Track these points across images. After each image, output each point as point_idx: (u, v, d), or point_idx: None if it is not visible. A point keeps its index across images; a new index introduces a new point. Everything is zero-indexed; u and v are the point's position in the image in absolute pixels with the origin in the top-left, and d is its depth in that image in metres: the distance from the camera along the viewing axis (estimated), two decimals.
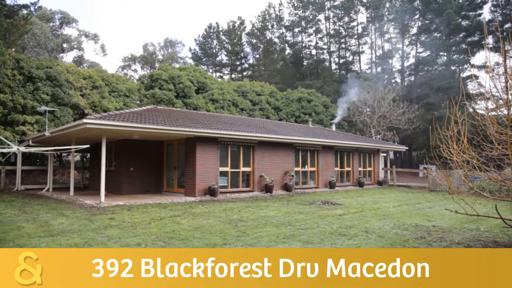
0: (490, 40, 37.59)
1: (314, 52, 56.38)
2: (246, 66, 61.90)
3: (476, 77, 33.80)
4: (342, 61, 54.83)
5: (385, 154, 24.78)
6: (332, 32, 54.14)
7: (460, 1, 42.38)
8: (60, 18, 41.48)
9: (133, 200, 12.24)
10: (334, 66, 55.08)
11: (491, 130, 5.50)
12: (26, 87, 17.73)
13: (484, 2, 42.03)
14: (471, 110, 7.20)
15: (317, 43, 56.03)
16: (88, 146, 8.63)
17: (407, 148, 27.82)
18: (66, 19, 41.51)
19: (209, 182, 13.60)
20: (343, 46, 53.98)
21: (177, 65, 48.91)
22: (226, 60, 61.92)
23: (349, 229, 7.48)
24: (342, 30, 53.39)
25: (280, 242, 6.24)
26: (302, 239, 6.45)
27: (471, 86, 36.98)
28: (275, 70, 53.24)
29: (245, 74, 60.94)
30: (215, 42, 61.84)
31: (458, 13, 41.32)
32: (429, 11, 44.23)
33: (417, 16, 47.44)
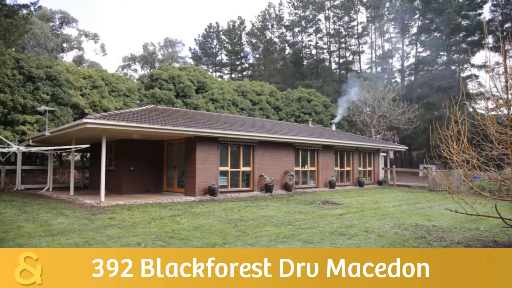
0: (490, 39, 37.59)
1: (314, 51, 56.39)
2: (246, 65, 61.91)
3: (476, 76, 33.85)
4: (342, 60, 54.82)
5: (385, 154, 24.77)
6: (332, 31, 54.14)
7: (460, 0, 42.35)
8: (60, 18, 41.51)
9: (133, 199, 12.24)
10: (334, 66, 55.09)
11: (491, 129, 5.50)
12: (26, 87, 17.72)
13: (484, 2, 41.97)
14: (471, 109, 7.20)
15: (317, 43, 56.04)
16: (88, 145, 8.63)
17: (407, 147, 27.83)
18: (66, 19, 41.52)
19: (209, 181, 13.60)
20: (343, 45, 53.98)
21: (177, 64, 48.97)
22: (226, 59, 61.94)
23: (349, 228, 7.49)
24: (342, 30, 53.38)
25: (280, 241, 6.24)
26: (302, 239, 6.45)
27: (471, 86, 37.02)
28: (275, 70, 53.24)
29: (245, 73, 60.94)
30: (215, 41, 61.85)
31: (458, 12, 41.30)
32: (429, 11, 44.22)
33: (417, 15, 47.44)
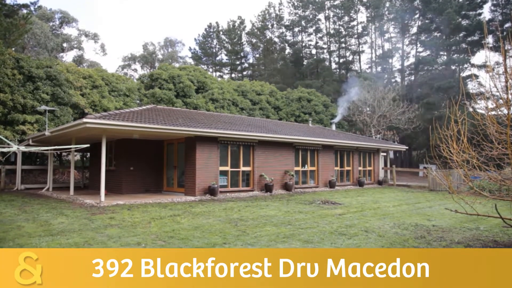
0: (490, 39, 37.58)
1: (314, 51, 56.38)
2: (246, 65, 61.91)
3: (476, 76, 33.83)
4: (342, 60, 54.81)
5: (385, 154, 24.77)
6: (332, 31, 54.12)
7: (460, 0, 42.33)
8: (60, 18, 41.50)
9: (133, 199, 12.24)
10: (334, 66, 55.08)
11: (491, 129, 5.50)
12: (26, 87, 17.72)
13: (484, 2, 41.94)
14: (471, 109, 7.20)
15: (317, 43, 56.04)
16: (88, 145, 8.61)
17: (407, 147, 27.83)
18: (66, 19, 41.51)
19: (209, 181, 13.60)
20: (343, 45, 53.96)
21: (177, 64, 48.95)
22: (226, 59, 61.93)
23: (349, 228, 7.49)
24: (342, 30, 53.37)
25: (280, 241, 6.24)
26: (302, 239, 6.45)
27: (471, 86, 37.01)
28: (275, 70, 53.23)
29: (245, 73, 60.94)
30: (215, 41, 61.83)
31: (458, 12, 41.28)
32: (429, 11, 44.21)
33: (417, 15, 47.43)
